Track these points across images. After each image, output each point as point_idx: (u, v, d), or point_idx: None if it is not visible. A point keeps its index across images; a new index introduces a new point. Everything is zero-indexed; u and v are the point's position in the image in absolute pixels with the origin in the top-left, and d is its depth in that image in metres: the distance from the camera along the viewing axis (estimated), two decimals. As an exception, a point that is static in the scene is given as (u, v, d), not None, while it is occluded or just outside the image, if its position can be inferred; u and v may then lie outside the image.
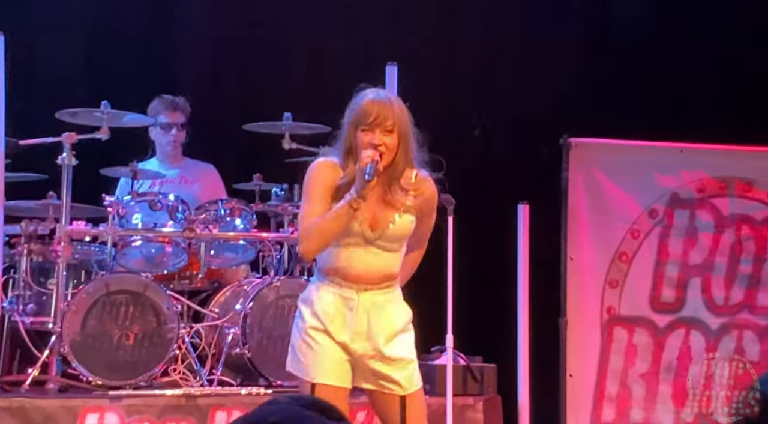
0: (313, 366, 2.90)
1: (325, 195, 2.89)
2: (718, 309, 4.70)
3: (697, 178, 4.73)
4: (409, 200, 2.93)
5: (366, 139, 2.85)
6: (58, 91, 4.97)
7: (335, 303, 2.90)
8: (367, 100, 2.88)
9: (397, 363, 2.95)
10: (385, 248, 2.92)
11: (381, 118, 2.85)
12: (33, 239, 4.32)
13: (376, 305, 2.91)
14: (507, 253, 4.56)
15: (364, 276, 2.90)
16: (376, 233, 2.89)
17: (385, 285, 2.93)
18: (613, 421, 4.59)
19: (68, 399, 3.92)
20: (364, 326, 2.90)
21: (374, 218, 2.89)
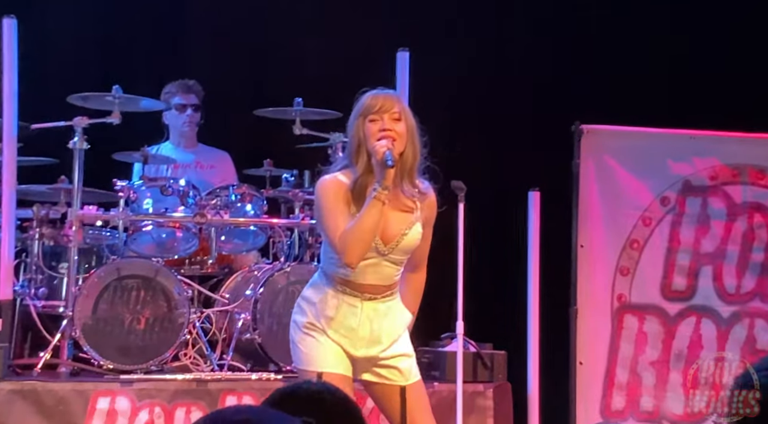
0: (318, 357, 2.93)
1: (342, 207, 2.89)
2: (729, 297, 4.68)
3: (709, 166, 4.71)
4: (417, 205, 2.94)
5: (375, 128, 2.86)
6: (70, 76, 4.97)
7: (338, 308, 2.93)
8: (371, 93, 2.93)
9: (397, 359, 3.01)
10: (394, 261, 2.94)
11: (388, 105, 2.88)
12: (45, 223, 4.33)
13: (378, 312, 2.95)
14: (518, 240, 4.55)
15: (369, 287, 2.94)
16: (390, 247, 2.90)
17: (388, 294, 2.98)
18: (623, 409, 4.58)
19: (80, 383, 3.94)
20: (366, 332, 2.95)
21: (385, 231, 2.90)
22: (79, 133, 4.22)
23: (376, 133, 2.86)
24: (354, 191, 2.88)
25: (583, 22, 5.45)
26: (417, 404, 2.98)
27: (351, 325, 2.93)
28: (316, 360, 2.92)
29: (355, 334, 2.94)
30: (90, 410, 3.84)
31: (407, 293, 3.07)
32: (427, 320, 4.59)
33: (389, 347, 2.99)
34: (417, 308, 3.12)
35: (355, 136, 2.90)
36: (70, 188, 4.26)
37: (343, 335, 2.94)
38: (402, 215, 2.92)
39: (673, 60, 5.42)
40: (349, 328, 2.93)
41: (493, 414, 4.17)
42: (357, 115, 2.91)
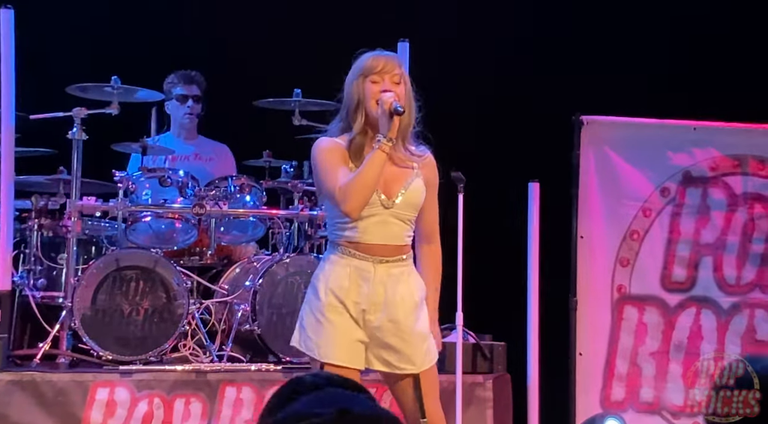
0: (324, 346, 2.85)
1: (340, 162, 2.86)
2: (729, 288, 4.68)
3: (709, 156, 4.70)
4: (416, 164, 2.92)
5: (376, 88, 2.85)
6: (69, 66, 4.95)
7: (350, 275, 2.85)
8: (373, 53, 2.91)
9: (415, 338, 2.90)
10: (399, 217, 2.88)
11: (389, 67, 2.87)
12: (43, 214, 4.32)
13: (392, 276, 2.87)
14: (517, 231, 4.54)
15: (378, 247, 2.86)
16: (393, 200, 2.86)
17: (399, 258, 2.89)
18: (623, 400, 4.58)
19: (79, 374, 3.94)
20: (381, 296, 2.85)
21: (387, 185, 2.87)
22: (77, 123, 4.21)
23: (377, 94, 2.84)
24: (351, 151, 2.86)
25: (583, 12, 5.43)
26: (427, 392, 2.92)
27: (364, 291, 2.84)
28: (321, 350, 2.85)
29: (368, 300, 2.84)
30: (89, 401, 3.84)
31: (425, 268, 2.98)
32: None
33: (409, 315, 2.88)
34: (439, 283, 3.01)
35: (353, 96, 2.87)
36: (68, 179, 4.26)
37: (356, 302, 2.84)
38: (402, 170, 2.89)
39: (673, 50, 5.40)
40: (362, 294, 2.84)
41: (492, 405, 4.17)
42: (357, 74, 2.88)
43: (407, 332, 2.88)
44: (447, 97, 5.21)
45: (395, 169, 2.88)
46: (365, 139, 2.86)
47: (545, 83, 5.28)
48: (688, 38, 5.39)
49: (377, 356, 2.89)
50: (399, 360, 2.89)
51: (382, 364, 2.90)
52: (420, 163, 2.93)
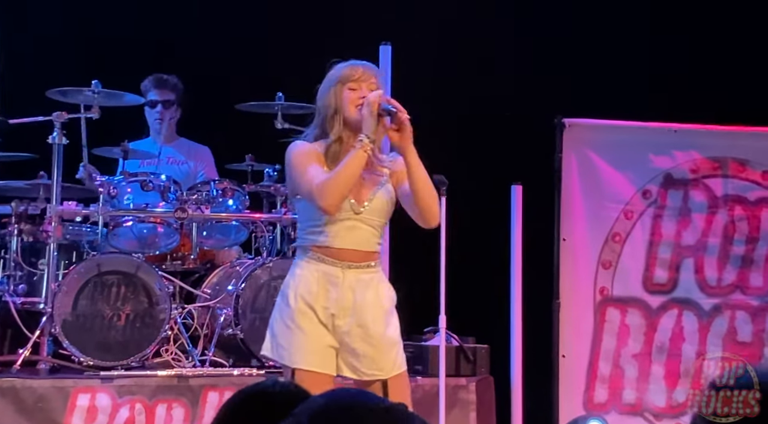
0: (295, 352, 2.84)
1: (316, 162, 2.87)
2: (710, 290, 4.70)
3: (690, 159, 4.72)
4: (386, 171, 2.94)
5: (354, 95, 2.88)
6: (49, 70, 4.93)
7: (319, 280, 2.87)
8: (350, 62, 2.95)
9: (384, 344, 2.90)
10: (369, 223, 2.90)
11: (367, 75, 2.91)
12: (24, 219, 4.29)
13: (361, 282, 2.88)
14: (500, 234, 4.55)
15: (348, 252, 2.88)
16: (363, 206, 2.89)
17: (368, 264, 2.91)
18: (606, 401, 4.59)
19: (59, 380, 3.91)
20: (350, 302, 2.86)
21: (357, 191, 2.89)
22: (57, 128, 4.19)
23: (355, 100, 2.87)
24: (327, 157, 2.88)
25: (565, 14, 5.45)
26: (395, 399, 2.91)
27: (332, 296, 2.85)
28: (292, 356, 2.85)
29: (337, 305, 2.85)
30: (70, 407, 3.81)
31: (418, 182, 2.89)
32: (410, 314, 4.61)
33: (377, 321, 2.88)
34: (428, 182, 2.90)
35: (330, 103, 2.90)
36: (49, 184, 4.23)
37: (325, 307, 2.85)
38: (372, 177, 2.93)
39: (654, 54, 5.43)
40: (331, 299, 2.85)
41: (476, 408, 4.17)
42: (334, 82, 2.92)
43: (376, 337, 2.88)
44: (429, 100, 5.22)
45: (366, 175, 2.91)
46: (342, 146, 2.89)
47: (527, 86, 5.30)
48: (670, 41, 5.42)
49: (346, 361, 2.89)
50: (367, 367, 2.89)
51: (351, 370, 2.90)
52: (390, 168, 2.96)
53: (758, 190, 4.75)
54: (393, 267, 4.56)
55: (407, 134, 2.84)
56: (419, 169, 2.86)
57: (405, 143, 2.84)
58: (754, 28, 5.40)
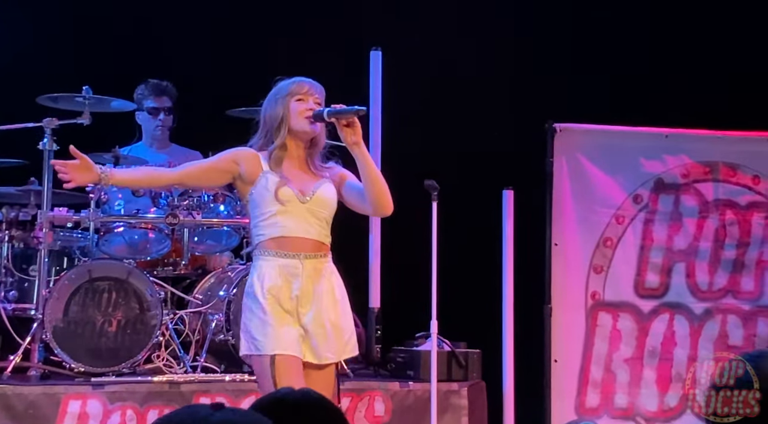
0: (272, 341, 3.04)
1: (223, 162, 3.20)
2: (702, 294, 4.71)
3: (681, 163, 4.73)
4: (326, 174, 3.22)
5: (302, 106, 3.17)
6: (40, 76, 4.92)
7: (281, 274, 3.09)
8: (298, 79, 3.24)
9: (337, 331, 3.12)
10: (315, 214, 3.14)
11: (314, 90, 3.21)
12: (14, 225, 4.29)
13: (317, 271, 3.13)
14: (491, 239, 4.55)
15: (300, 241, 3.12)
16: (307, 196, 3.15)
17: (321, 254, 3.15)
18: (598, 406, 4.60)
19: (50, 386, 3.90)
20: (309, 290, 3.10)
21: (301, 186, 3.16)
22: (48, 134, 4.18)
23: (303, 112, 3.16)
24: (272, 161, 3.17)
25: (558, 19, 5.47)
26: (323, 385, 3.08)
27: (295, 286, 3.08)
28: (269, 344, 3.04)
29: (300, 294, 3.08)
30: (61, 414, 3.80)
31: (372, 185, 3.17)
32: (402, 320, 4.60)
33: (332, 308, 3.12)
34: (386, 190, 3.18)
35: (277, 114, 3.18)
36: (39, 190, 4.22)
37: (289, 297, 3.08)
38: (313, 176, 3.21)
39: (645, 58, 5.44)
40: (294, 289, 3.08)
41: (467, 413, 4.17)
42: (282, 95, 3.20)
43: (333, 323, 3.12)
44: (419, 105, 5.23)
45: (308, 174, 3.20)
46: (285, 152, 3.18)
47: (518, 90, 5.31)
48: (661, 44, 5.44)
49: (309, 346, 3.10)
50: (325, 350, 3.11)
51: (312, 354, 3.10)
52: (329, 172, 3.25)
53: (749, 194, 4.76)
54: (384, 272, 4.57)
55: (358, 130, 3.10)
56: (371, 162, 3.15)
57: (357, 139, 3.11)
58: (747, 32, 5.42)
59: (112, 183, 3.29)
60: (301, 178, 3.17)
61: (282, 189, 3.12)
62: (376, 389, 4.14)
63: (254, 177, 3.16)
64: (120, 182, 3.36)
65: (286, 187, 3.12)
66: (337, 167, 3.27)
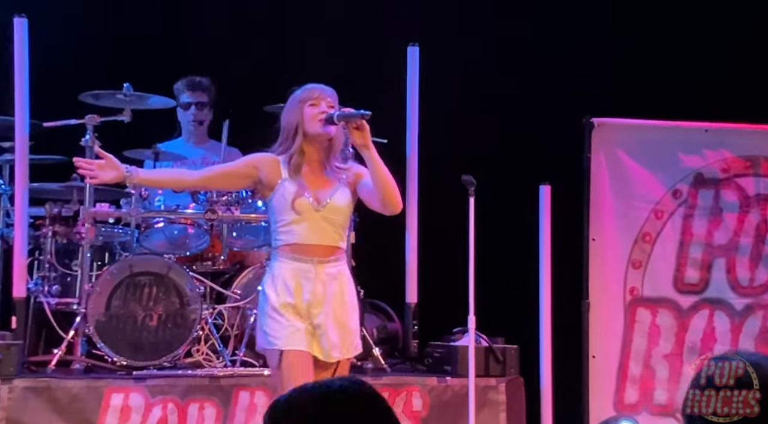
0: (283, 337, 3.21)
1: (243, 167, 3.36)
2: (742, 290, 4.66)
3: (721, 158, 4.69)
4: (344, 176, 3.32)
5: (315, 111, 3.28)
6: (82, 74, 4.98)
7: (294, 276, 3.24)
8: (307, 86, 3.37)
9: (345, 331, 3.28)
10: (329, 220, 3.28)
11: (325, 94, 3.33)
12: (57, 220, 4.35)
13: (329, 275, 3.27)
14: (529, 234, 4.54)
15: (315, 247, 3.26)
16: (322, 204, 3.28)
17: (334, 258, 3.29)
18: (637, 402, 4.57)
19: (93, 380, 3.96)
20: (321, 293, 3.25)
21: (316, 193, 3.29)
22: (90, 130, 4.24)
23: (316, 115, 3.28)
24: (291, 167, 3.29)
25: (595, 13, 5.43)
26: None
27: (307, 289, 3.23)
28: (280, 340, 3.20)
29: (312, 297, 3.23)
30: (104, 407, 3.86)
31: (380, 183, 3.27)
32: (439, 315, 4.61)
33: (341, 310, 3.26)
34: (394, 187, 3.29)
35: (292, 121, 3.31)
36: (82, 186, 4.28)
37: (302, 299, 3.23)
38: (330, 180, 3.33)
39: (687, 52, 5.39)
40: (306, 292, 3.23)
41: (505, 408, 4.17)
42: (296, 102, 3.34)
43: (341, 324, 3.27)
44: (456, 100, 5.22)
45: (324, 178, 3.32)
46: (303, 157, 3.31)
47: (556, 85, 5.28)
48: (703, 39, 5.38)
49: (318, 344, 3.25)
50: (331, 349, 3.26)
51: (321, 352, 3.25)
52: (347, 173, 3.35)
53: (791, 189, 4.71)
54: (421, 268, 4.58)
55: (366, 133, 3.22)
56: (380, 162, 3.25)
57: (366, 141, 3.22)
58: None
59: (135, 182, 3.40)
60: (318, 185, 3.30)
61: (298, 200, 3.26)
62: (414, 385, 4.15)
63: (274, 183, 3.30)
64: (143, 182, 3.48)
65: (302, 198, 3.26)
66: (355, 167, 3.37)
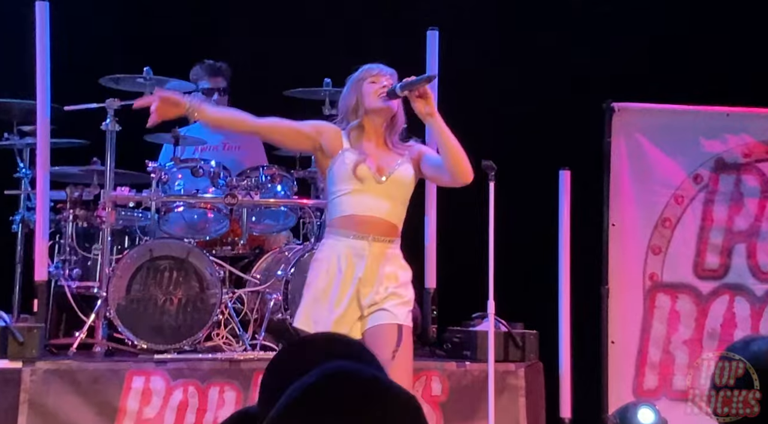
0: (321, 323, 3.12)
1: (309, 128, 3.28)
2: (763, 275, 4.64)
3: (743, 143, 4.65)
4: (406, 152, 3.26)
5: (375, 87, 3.24)
6: (102, 58, 4.99)
7: (346, 254, 3.15)
8: (366, 65, 3.32)
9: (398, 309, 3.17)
10: (391, 194, 3.20)
11: (384, 71, 3.28)
12: (78, 204, 4.37)
13: (385, 256, 3.18)
14: (549, 219, 4.52)
15: (372, 223, 3.16)
16: (384, 176, 3.20)
17: (391, 239, 3.20)
18: (656, 388, 4.56)
19: (115, 363, 3.98)
20: (374, 271, 3.15)
21: (379, 164, 3.21)
22: (111, 115, 4.25)
23: (377, 90, 3.23)
24: (351, 142, 3.24)
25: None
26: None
27: (359, 267, 3.13)
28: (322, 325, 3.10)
29: (363, 276, 3.13)
30: (125, 390, 3.88)
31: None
32: (458, 300, 4.61)
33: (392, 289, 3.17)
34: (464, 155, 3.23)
35: (352, 98, 3.27)
36: (102, 170, 4.30)
37: (352, 278, 3.13)
38: (393, 155, 3.26)
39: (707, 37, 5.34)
40: (357, 271, 3.13)
41: (524, 393, 4.17)
42: (356, 81, 3.29)
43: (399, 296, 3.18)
44: (477, 85, 5.20)
45: (387, 152, 3.24)
46: (363, 131, 3.25)
47: (576, 69, 5.25)
48: (723, 23, 5.33)
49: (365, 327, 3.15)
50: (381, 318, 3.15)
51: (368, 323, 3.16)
52: (408, 151, 3.29)
53: (812, 174, 4.67)
54: (441, 253, 4.57)
55: (431, 100, 3.16)
56: (447, 131, 3.17)
57: (430, 109, 3.17)
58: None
59: (197, 118, 3.28)
60: (380, 157, 3.22)
61: (360, 166, 3.17)
62: (433, 369, 4.15)
63: (335, 152, 3.21)
64: (205, 118, 3.32)
65: (364, 164, 3.17)
66: (417, 145, 3.32)
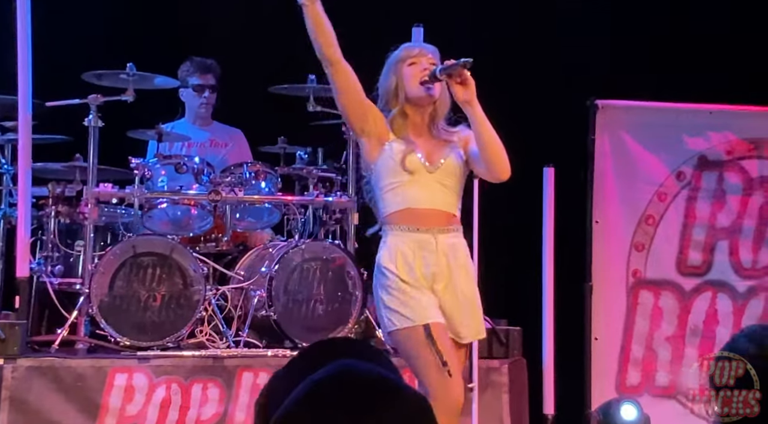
0: (421, 309, 2.91)
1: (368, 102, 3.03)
2: (745, 272, 4.66)
3: (725, 140, 4.68)
4: (454, 138, 3.07)
5: (416, 70, 3.00)
6: (84, 53, 4.96)
7: (414, 250, 2.95)
8: (406, 45, 3.12)
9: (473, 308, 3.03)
10: (443, 182, 3.01)
11: (425, 50, 3.07)
12: (60, 200, 4.35)
13: (451, 246, 3.00)
14: (532, 216, 4.53)
15: (432, 214, 2.97)
16: (435, 166, 3.00)
17: (453, 228, 3.02)
18: (639, 384, 4.58)
19: (97, 359, 3.97)
20: (444, 266, 2.97)
21: (428, 154, 3.01)
22: (93, 110, 4.23)
23: (417, 75, 3.00)
24: (393, 128, 3.02)
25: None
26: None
27: (429, 261, 2.95)
28: (420, 314, 2.91)
29: (434, 270, 2.96)
30: (108, 387, 3.87)
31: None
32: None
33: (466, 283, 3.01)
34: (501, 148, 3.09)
35: (391, 82, 3.03)
36: (85, 166, 4.28)
37: (423, 273, 2.95)
38: (442, 143, 3.05)
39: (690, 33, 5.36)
40: (428, 265, 2.95)
41: (508, 390, 4.18)
42: (395, 62, 3.05)
43: (469, 300, 3.02)
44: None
45: (436, 141, 3.04)
46: (405, 119, 3.03)
47: (560, 67, 5.26)
48: (705, 20, 5.35)
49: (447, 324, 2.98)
50: (462, 328, 3.00)
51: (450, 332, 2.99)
52: (457, 136, 3.09)
53: (795, 171, 4.70)
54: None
55: (471, 88, 2.95)
56: (486, 122, 2.98)
57: (470, 97, 2.96)
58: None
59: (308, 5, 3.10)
60: (428, 146, 3.00)
61: (409, 157, 2.95)
62: (417, 365, 4.15)
63: (382, 136, 2.99)
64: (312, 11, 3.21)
65: (413, 155, 2.96)
66: (465, 130, 3.07)
